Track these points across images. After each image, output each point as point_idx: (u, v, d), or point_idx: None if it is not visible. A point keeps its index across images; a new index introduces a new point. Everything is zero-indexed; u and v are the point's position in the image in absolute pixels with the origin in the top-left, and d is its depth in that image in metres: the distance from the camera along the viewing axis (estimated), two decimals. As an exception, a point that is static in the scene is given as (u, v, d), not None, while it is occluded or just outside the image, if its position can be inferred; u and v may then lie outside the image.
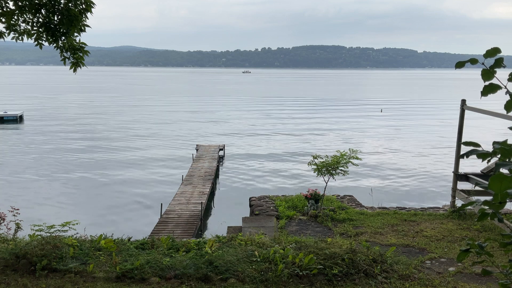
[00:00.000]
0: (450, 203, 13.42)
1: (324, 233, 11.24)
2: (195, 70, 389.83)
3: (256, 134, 37.47)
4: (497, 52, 2.35)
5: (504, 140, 2.32)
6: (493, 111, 11.46)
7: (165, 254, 8.18)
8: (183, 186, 18.92)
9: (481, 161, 2.39)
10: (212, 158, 24.61)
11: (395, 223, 11.84)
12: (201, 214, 15.42)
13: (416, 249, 9.88)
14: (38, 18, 6.88)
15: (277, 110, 58.07)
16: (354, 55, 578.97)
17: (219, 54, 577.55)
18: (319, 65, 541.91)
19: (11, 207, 10.01)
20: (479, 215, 2.40)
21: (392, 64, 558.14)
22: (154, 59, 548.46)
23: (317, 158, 12.92)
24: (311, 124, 44.26)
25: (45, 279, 7.29)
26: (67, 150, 29.71)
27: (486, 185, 2.24)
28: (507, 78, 2.35)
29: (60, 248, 7.93)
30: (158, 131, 38.66)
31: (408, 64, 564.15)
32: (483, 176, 12.79)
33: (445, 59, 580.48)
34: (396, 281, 7.62)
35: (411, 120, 47.92)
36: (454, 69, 3.23)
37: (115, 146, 31.54)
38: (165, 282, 7.31)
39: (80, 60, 7.24)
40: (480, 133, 35.56)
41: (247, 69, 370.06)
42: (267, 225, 11.41)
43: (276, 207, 13.52)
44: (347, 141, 33.41)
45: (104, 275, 7.47)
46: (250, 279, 7.30)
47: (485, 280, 8.06)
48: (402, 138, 36.39)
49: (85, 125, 41.98)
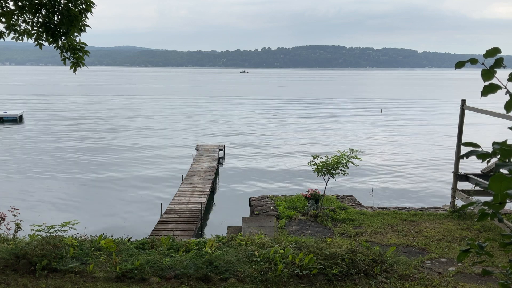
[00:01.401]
0: (450, 203, 13.42)
1: (324, 233, 11.24)
2: (195, 70, 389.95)
3: (256, 134, 37.47)
4: (497, 52, 2.35)
5: (504, 140, 2.32)
6: (493, 111, 11.46)
7: (165, 254, 8.18)
8: (183, 186, 18.92)
9: (481, 162, 2.39)
10: (212, 158, 24.61)
11: (395, 223, 11.84)
12: (201, 214, 15.42)
13: (416, 249, 9.88)
14: (38, 18, 6.88)
15: (277, 110, 58.08)
16: (354, 55, 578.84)
17: (219, 54, 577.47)
18: (319, 65, 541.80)
19: (11, 207, 10.00)
20: (479, 215, 2.40)
21: (392, 64, 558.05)
22: (154, 59, 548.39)
23: (317, 158, 12.92)
24: (311, 124, 44.25)
25: (45, 279, 7.29)
26: (67, 150, 29.71)
27: (486, 185, 2.24)
28: (507, 78, 2.35)
29: (60, 248, 7.93)
30: (158, 131, 38.67)
31: (408, 64, 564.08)
32: (483, 176, 12.79)
33: (445, 59, 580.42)
34: (396, 281, 7.62)
35: (411, 120, 47.92)
36: (454, 69, 3.21)
37: (115, 146, 31.54)
38: (165, 282, 7.31)
39: (80, 60, 7.24)
40: (480, 133, 35.57)
41: (245, 69, 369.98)
42: (267, 225, 11.41)
43: (276, 207, 13.52)
44: (347, 141, 33.41)
45: (104, 275, 7.47)
46: (250, 279, 7.30)
47: (485, 280, 8.06)
48: (402, 138, 36.39)
49: (85, 125, 41.98)
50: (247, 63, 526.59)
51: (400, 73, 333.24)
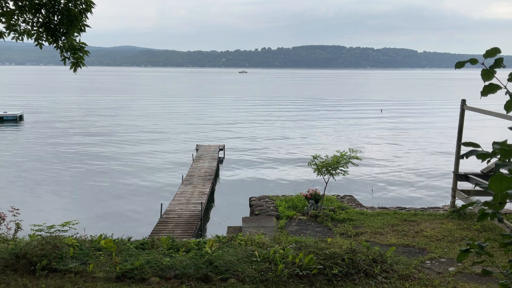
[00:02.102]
0: (450, 203, 13.42)
1: (324, 233, 11.24)
2: (195, 70, 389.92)
3: (256, 134, 37.47)
4: (497, 52, 2.35)
5: (504, 140, 2.32)
6: (493, 111, 11.46)
7: (165, 254, 8.18)
8: (183, 186, 18.92)
9: (481, 162, 2.39)
10: (212, 158, 24.61)
11: (395, 223, 11.84)
12: (201, 214, 15.42)
13: (416, 249, 9.88)
14: (38, 18, 6.88)
15: (277, 110, 58.07)
16: (354, 55, 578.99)
17: (219, 54, 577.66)
18: (319, 65, 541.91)
19: (11, 207, 10.00)
20: (479, 215, 2.40)
21: (392, 64, 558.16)
22: (154, 59, 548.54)
23: (317, 158, 12.93)
24: (311, 124, 44.25)
25: (45, 279, 7.29)
26: (67, 150, 29.71)
27: (486, 185, 2.24)
28: (507, 78, 2.35)
29: (60, 248, 7.93)
30: (158, 131, 38.66)
31: (408, 64, 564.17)
32: (483, 176, 12.79)
33: (445, 59, 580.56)
34: (396, 281, 7.62)
35: (411, 120, 47.93)
36: (454, 69, 3.21)
37: (115, 146, 31.54)
38: (165, 282, 7.31)
39: (80, 60, 7.24)
40: (480, 133, 35.56)
41: (244, 69, 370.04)
42: (267, 225, 11.41)
43: (276, 207, 13.52)
44: (347, 141, 33.41)
45: (104, 275, 7.46)
46: (250, 279, 7.30)
47: (485, 280, 8.06)
48: (402, 138, 36.38)
49: (85, 125, 41.97)
50: (247, 63, 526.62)
51: (400, 73, 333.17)
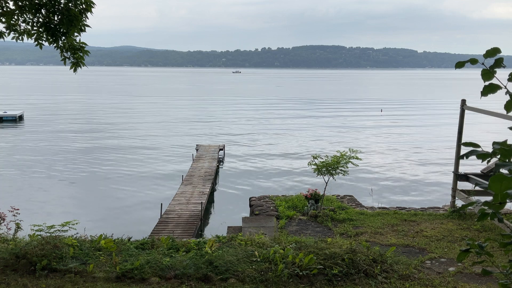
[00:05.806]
0: (450, 203, 13.42)
1: (324, 233, 11.24)
2: (195, 70, 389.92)
3: (256, 134, 37.46)
4: (497, 52, 2.35)
5: (504, 140, 2.32)
6: (493, 111, 11.46)
7: (165, 254, 8.18)
8: (183, 186, 18.92)
9: (481, 162, 2.39)
10: (212, 158, 24.61)
11: (395, 223, 11.84)
12: (201, 214, 15.42)
13: (416, 249, 9.88)
14: (38, 18, 6.88)
15: (277, 110, 58.06)
16: (354, 55, 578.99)
17: (219, 54, 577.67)
18: (319, 65, 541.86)
19: (11, 207, 9.99)
20: (479, 215, 2.40)
21: (392, 64, 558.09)
22: (154, 59, 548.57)
23: (317, 158, 12.93)
24: (311, 124, 44.25)
25: (45, 279, 7.29)
26: (67, 150, 29.70)
27: (486, 185, 2.24)
28: (507, 78, 2.35)
29: (60, 248, 7.93)
30: (158, 131, 38.65)
31: (408, 64, 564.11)
32: (483, 176, 12.79)
33: (445, 59, 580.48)
34: (396, 281, 7.62)
35: (411, 120, 47.92)
36: (454, 69, 3.22)
37: (115, 145, 31.53)
38: (165, 282, 7.31)
39: (80, 60, 7.24)
40: (480, 133, 35.55)
41: (238, 69, 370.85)
42: (267, 225, 11.40)
43: (276, 207, 13.52)
44: (347, 141, 33.40)
45: (104, 275, 7.46)
46: (250, 279, 7.30)
47: (485, 280, 8.06)
48: (402, 138, 36.38)
49: (84, 125, 41.97)
50: (247, 63, 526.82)
51: (400, 73, 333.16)
